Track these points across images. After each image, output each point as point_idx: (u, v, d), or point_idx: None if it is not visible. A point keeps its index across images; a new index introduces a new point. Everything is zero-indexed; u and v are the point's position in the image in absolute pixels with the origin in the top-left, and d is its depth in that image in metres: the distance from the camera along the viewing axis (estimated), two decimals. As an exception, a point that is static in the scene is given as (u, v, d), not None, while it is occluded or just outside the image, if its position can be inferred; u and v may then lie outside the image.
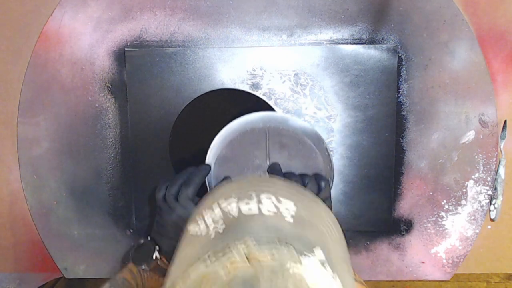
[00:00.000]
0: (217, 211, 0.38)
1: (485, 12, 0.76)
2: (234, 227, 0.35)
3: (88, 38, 0.78)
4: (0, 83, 0.80)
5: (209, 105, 0.72)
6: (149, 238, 0.68)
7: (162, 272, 0.68)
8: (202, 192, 0.65)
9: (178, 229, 0.65)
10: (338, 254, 0.37)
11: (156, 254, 0.66)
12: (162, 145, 0.79)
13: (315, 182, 0.65)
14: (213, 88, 0.78)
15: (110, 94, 0.79)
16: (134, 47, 0.78)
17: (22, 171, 0.80)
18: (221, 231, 0.36)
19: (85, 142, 0.80)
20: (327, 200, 0.66)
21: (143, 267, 0.66)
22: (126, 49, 0.77)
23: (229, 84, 0.78)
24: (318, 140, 0.69)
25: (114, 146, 0.81)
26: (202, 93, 0.78)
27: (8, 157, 0.81)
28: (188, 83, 0.78)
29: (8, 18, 0.78)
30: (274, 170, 0.68)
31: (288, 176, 0.67)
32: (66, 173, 0.80)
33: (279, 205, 0.37)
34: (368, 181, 0.79)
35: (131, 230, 0.82)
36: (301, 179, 0.66)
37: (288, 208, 0.37)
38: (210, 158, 0.68)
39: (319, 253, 0.33)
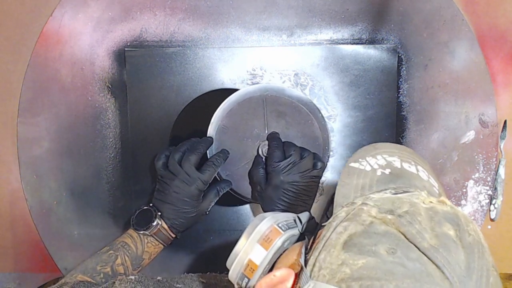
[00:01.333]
0: (381, 160, 0.43)
1: (485, 12, 0.76)
2: (400, 175, 0.41)
3: (88, 38, 0.78)
4: (0, 83, 0.80)
5: (209, 105, 0.72)
6: (151, 205, 0.70)
7: (162, 238, 0.69)
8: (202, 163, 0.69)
9: (180, 195, 0.67)
10: None
11: (157, 220, 0.67)
12: (162, 145, 0.79)
13: (312, 160, 0.68)
14: (213, 88, 0.78)
15: (110, 94, 0.79)
16: (134, 47, 0.78)
17: (22, 171, 0.80)
18: (387, 173, 0.41)
19: (85, 142, 0.80)
20: (317, 179, 0.69)
21: (144, 232, 0.68)
22: (126, 49, 0.77)
23: (229, 84, 0.78)
24: (314, 109, 0.72)
25: (114, 146, 0.81)
26: (202, 93, 0.78)
27: (8, 157, 0.81)
28: (188, 83, 0.78)
29: (8, 18, 0.78)
30: (273, 138, 0.70)
31: (288, 146, 0.69)
32: (66, 173, 0.80)
33: (429, 178, 0.43)
34: (368, 181, 0.79)
35: (131, 230, 0.82)
36: (300, 152, 0.68)
37: (434, 184, 0.43)
38: (211, 130, 0.71)
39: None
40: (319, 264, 0.35)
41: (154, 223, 0.67)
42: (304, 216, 0.50)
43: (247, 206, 0.81)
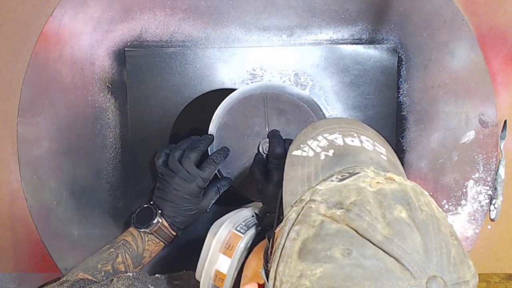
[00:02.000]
0: (323, 141, 0.42)
1: (485, 12, 0.76)
2: (345, 153, 0.40)
3: (88, 38, 0.78)
4: (0, 83, 0.80)
5: (209, 105, 0.72)
6: (151, 203, 0.70)
7: (163, 236, 0.69)
8: (202, 161, 0.69)
9: (180, 192, 0.67)
10: None
11: (157, 218, 0.67)
12: (162, 145, 0.79)
13: None
14: (213, 88, 0.78)
15: (110, 94, 0.79)
16: (134, 47, 0.78)
17: (22, 171, 0.80)
18: (331, 154, 0.40)
19: (85, 142, 0.80)
20: None
21: (144, 230, 0.68)
22: (126, 49, 0.77)
23: (229, 84, 0.78)
24: (314, 107, 0.72)
25: (114, 146, 0.81)
26: (202, 93, 0.78)
27: (8, 157, 0.81)
28: (188, 83, 0.78)
29: (8, 18, 0.78)
30: (274, 136, 0.70)
31: (289, 143, 0.69)
32: (66, 173, 0.80)
33: (375, 147, 0.42)
34: (368, 181, 0.79)
35: (131, 230, 0.82)
36: None
37: (381, 150, 0.43)
38: (212, 128, 0.71)
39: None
40: (279, 278, 0.35)
41: (155, 221, 0.67)
42: (261, 211, 0.50)
43: (246, 207, 0.81)
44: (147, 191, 0.81)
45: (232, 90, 0.71)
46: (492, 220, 0.80)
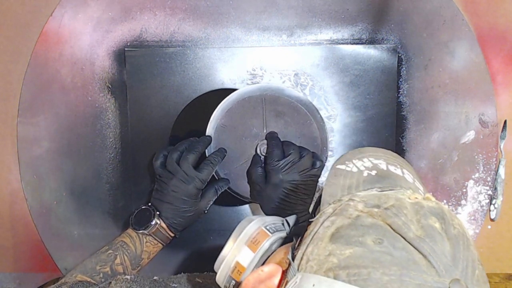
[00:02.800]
0: (368, 162, 0.44)
1: (485, 12, 0.76)
2: (386, 177, 0.42)
3: (88, 38, 0.78)
4: (0, 83, 0.80)
5: (209, 105, 0.72)
6: (149, 204, 0.70)
7: (161, 237, 0.69)
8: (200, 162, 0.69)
9: (178, 194, 0.68)
10: None
11: (155, 220, 0.68)
12: (162, 145, 0.79)
13: (311, 159, 0.69)
14: (213, 88, 0.78)
15: (110, 94, 0.79)
16: (134, 47, 0.78)
17: (22, 171, 0.80)
18: (373, 174, 0.42)
19: (85, 142, 0.80)
20: (315, 177, 0.69)
21: (142, 231, 0.68)
22: (126, 49, 0.77)
23: (229, 84, 0.78)
24: (312, 110, 0.72)
25: (114, 146, 0.80)
26: (202, 93, 0.78)
27: (8, 157, 0.81)
28: (188, 83, 0.78)
29: (8, 18, 0.78)
30: (272, 138, 0.71)
31: (287, 145, 0.69)
32: (66, 173, 0.80)
33: (414, 181, 0.44)
34: (368, 181, 0.79)
35: (131, 230, 0.82)
36: (299, 151, 0.68)
37: (419, 187, 0.44)
38: (210, 129, 0.71)
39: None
40: (306, 257, 0.35)
41: (153, 223, 0.67)
42: (292, 219, 0.50)
43: (247, 206, 0.81)
44: (147, 191, 0.81)
45: (232, 90, 0.71)
46: (492, 220, 0.80)
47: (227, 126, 0.72)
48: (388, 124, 0.78)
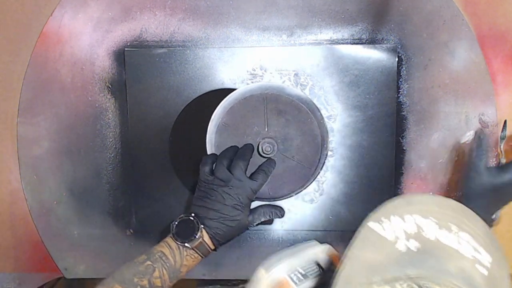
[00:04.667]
0: (411, 225, 0.35)
1: (485, 12, 0.76)
2: (431, 253, 0.33)
3: (88, 38, 0.78)
4: (0, 83, 0.80)
5: (209, 105, 0.72)
6: (192, 214, 0.65)
7: (202, 250, 0.65)
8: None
9: (228, 201, 0.64)
10: None
11: (199, 233, 0.64)
12: (162, 145, 0.79)
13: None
14: (213, 88, 0.78)
15: (110, 94, 0.79)
16: (134, 47, 0.78)
17: (22, 171, 0.80)
18: (414, 250, 0.34)
19: (85, 142, 0.80)
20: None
21: (185, 244, 0.64)
22: (126, 49, 0.77)
23: (229, 84, 0.78)
24: (313, 108, 0.72)
25: (114, 146, 0.80)
26: (202, 93, 0.78)
27: (8, 157, 0.81)
28: (188, 83, 0.78)
29: (8, 18, 0.78)
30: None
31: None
32: (66, 173, 0.80)
33: (476, 252, 0.34)
34: (368, 181, 0.79)
35: (131, 230, 0.82)
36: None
37: (484, 259, 0.34)
38: (211, 127, 0.71)
39: None
40: None
41: (197, 236, 0.64)
42: (324, 261, 0.44)
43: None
44: (147, 191, 0.81)
45: (232, 90, 0.71)
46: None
47: (228, 125, 0.72)
48: (388, 124, 0.78)
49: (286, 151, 0.72)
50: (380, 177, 0.79)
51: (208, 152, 0.71)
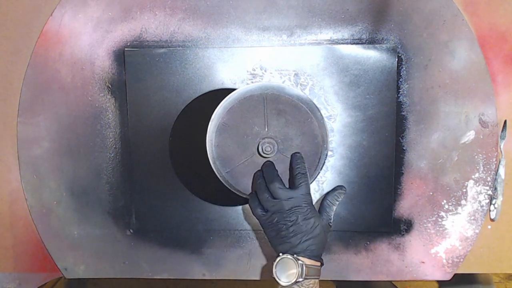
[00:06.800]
0: None
1: (485, 12, 0.76)
2: None
3: (88, 38, 0.78)
4: (0, 83, 0.80)
5: (209, 105, 0.72)
6: (281, 254, 0.65)
7: (312, 273, 0.65)
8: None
9: (296, 221, 0.65)
10: None
11: (298, 269, 0.63)
12: (162, 145, 0.79)
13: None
14: (213, 88, 0.78)
15: (110, 94, 0.79)
16: (134, 47, 0.78)
17: (22, 171, 0.80)
18: None
19: (85, 142, 0.80)
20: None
21: (297, 281, 0.64)
22: (126, 49, 0.77)
23: (229, 84, 0.78)
24: (313, 108, 0.72)
25: (114, 146, 0.81)
26: (202, 93, 0.78)
27: (8, 157, 0.81)
28: (188, 83, 0.78)
29: (8, 18, 0.78)
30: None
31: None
32: (66, 173, 0.80)
33: None
34: (368, 181, 0.79)
35: (131, 230, 0.82)
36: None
37: None
38: (211, 127, 0.71)
39: None
40: None
41: (299, 268, 0.63)
42: None
43: (247, 206, 0.81)
44: (147, 191, 0.81)
45: (232, 90, 0.71)
46: (492, 220, 0.80)
47: (228, 125, 0.72)
48: (388, 124, 0.78)
49: (286, 151, 0.72)
50: (380, 177, 0.79)
51: (208, 152, 0.70)
